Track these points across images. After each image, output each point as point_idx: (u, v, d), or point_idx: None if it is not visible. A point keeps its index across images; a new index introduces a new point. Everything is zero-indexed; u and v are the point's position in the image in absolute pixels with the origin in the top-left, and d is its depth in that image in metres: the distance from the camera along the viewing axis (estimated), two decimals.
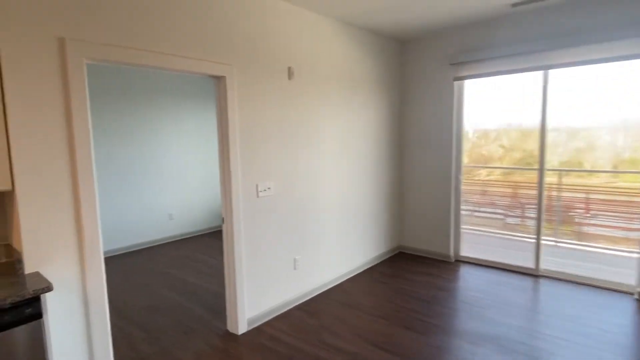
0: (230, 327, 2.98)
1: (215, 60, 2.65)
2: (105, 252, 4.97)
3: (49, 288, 1.70)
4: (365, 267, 4.32)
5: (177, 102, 5.66)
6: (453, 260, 4.49)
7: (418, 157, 4.64)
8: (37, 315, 1.68)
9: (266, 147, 3.07)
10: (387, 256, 4.70)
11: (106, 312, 2.19)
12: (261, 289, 3.11)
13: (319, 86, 3.50)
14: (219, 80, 2.76)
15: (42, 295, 1.71)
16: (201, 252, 5.11)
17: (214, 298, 3.60)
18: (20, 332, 1.63)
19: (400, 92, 4.71)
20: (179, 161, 5.77)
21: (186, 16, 2.46)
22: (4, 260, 2.04)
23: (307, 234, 3.52)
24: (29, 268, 1.88)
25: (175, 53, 2.41)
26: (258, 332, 2.97)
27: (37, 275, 1.85)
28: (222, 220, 2.91)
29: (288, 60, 3.19)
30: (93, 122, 4.74)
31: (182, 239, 5.82)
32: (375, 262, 4.48)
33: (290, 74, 3.21)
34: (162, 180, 5.58)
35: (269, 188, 3.11)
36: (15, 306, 1.61)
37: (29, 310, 1.65)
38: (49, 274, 1.95)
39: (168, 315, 3.26)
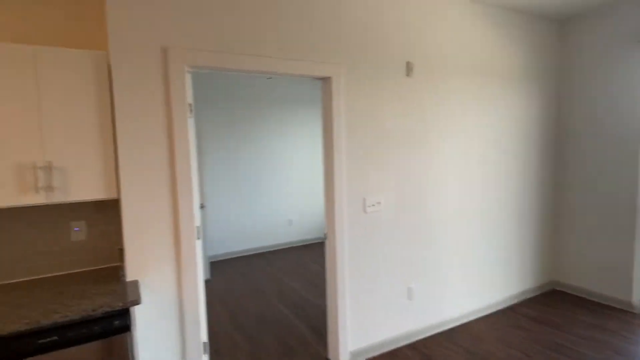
0: (331, 357, 2.66)
1: (320, 60, 2.38)
2: (225, 255, 5.31)
3: (136, 301, 1.66)
4: (503, 306, 3.46)
5: (298, 105, 5.72)
6: (638, 311, 3.23)
7: (585, 163, 3.52)
8: (125, 328, 1.65)
9: (376, 156, 2.66)
10: (535, 294, 3.70)
11: (200, 326, 2.12)
12: (368, 319, 2.70)
13: (445, 82, 2.92)
14: (324, 81, 2.49)
15: (131, 310, 1.68)
16: (317, 262, 4.99)
17: (321, 316, 3.35)
18: (107, 344, 1.62)
19: (558, 82, 3.67)
20: (300, 166, 5.82)
21: (287, 15, 2.25)
22: (118, 263, 2.15)
23: (425, 259, 2.96)
24: (131, 275, 1.91)
25: (275, 55, 2.23)
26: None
27: (134, 284, 1.86)
28: (325, 235, 2.62)
29: (406, 54, 2.72)
30: (211, 127, 5.10)
31: (300, 246, 5.84)
32: (518, 300, 3.56)
33: (408, 69, 2.73)
34: (283, 185, 5.69)
35: (378, 203, 2.69)
36: (106, 317, 1.61)
37: (117, 322, 1.63)
38: (147, 282, 1.96)
39: (273, 330, 3.15)
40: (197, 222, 2.20)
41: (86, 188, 1.82)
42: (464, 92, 3.03)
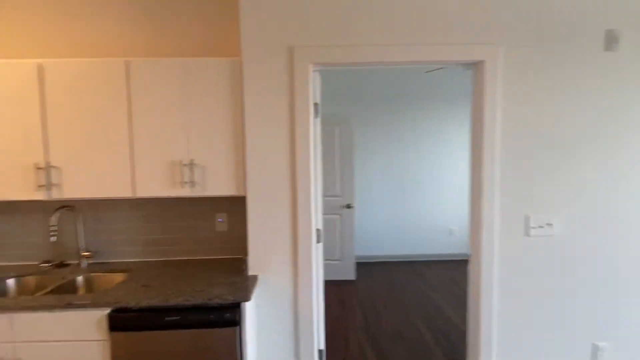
0: None
1: (468, 42, 1.93)
2: (373, 257, 5.16)
3: (245, 298, 1.70)
4: None
5: (459, 101, 5.05)
6: None
7: None
8: (233, 322, 1.70)
9: (547, 162, 1.99)
10: None
11: (315, 333, 2.04)
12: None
13: None
14: (475, 67, 2.01)
15: (243, 305, 1.73)
16: None
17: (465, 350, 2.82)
18: (217, 334, 1.70)
19: None
20: (464, 170, 5.15)
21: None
22: (244, 256, 2.29)
23: (624, 312, 2.07)
24: (252, 269, 1.99)
25: (406, 42, 1.91)
26: None
27: (253, 279, 1.93)
28: (469, 257, 2.14)
29: (604, 20, 1.94)
30: (364, 127, 4.98)
31: (460, 260, 5.17)
32: None
33: (609, 41, 1.94)
34: (444, 191, 5.16)
35: (548, 224, 2.01)
36: (219, 308, 1.70)
37: (227, 315, 1.70)
38: (265, 278, 2.00)
39: (407, 350, 2.82)
40: (318, 225, 2.13)
41: (220, 184, 1.98)
42: None
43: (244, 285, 1.83)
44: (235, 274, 2.01)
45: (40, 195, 1.94)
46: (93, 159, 1.94)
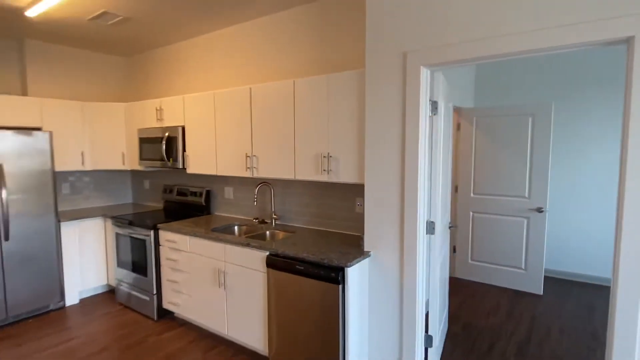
0: None
1: (609, 16, 1.57)
2: (574, 275, 4.19)
3: (342, 266, 2.13)
4: None
5: None
6: None
7: None
8: (336, 280, 2.17)
9: None
10: None
11: (418, 317, 2.21)
12: None
13: None
14: (626, 45, 1.60)
15: (346, 269, 2.17)
16: None
17: None
18: (325, 287, 2.21)
19: None
20: None
21: None
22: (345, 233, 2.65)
23: None
24: (367, 246, 2.38)
25: (526, 29, 1.75)
26: None
27: (365, 253, 2.32)
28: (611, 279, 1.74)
29: None
30: (575, 120, 3.99)
31: None
32: None
33: None
34: None
35: None
36: (329, 267, 2.21)
37: (332, 274, 2.18)
38: (376, 255, 2.33)
39: None
40: (429, 217, 2.26)
41: (348, 173, 2.46)
42: None
43: (352, 256, 2.25)
44: (354, 247, 2.45)
45: (248, 174, 3.00)
46: (274, 151, 2.83)
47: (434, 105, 2.21)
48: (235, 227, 3.27)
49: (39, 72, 3.93)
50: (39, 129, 3.64)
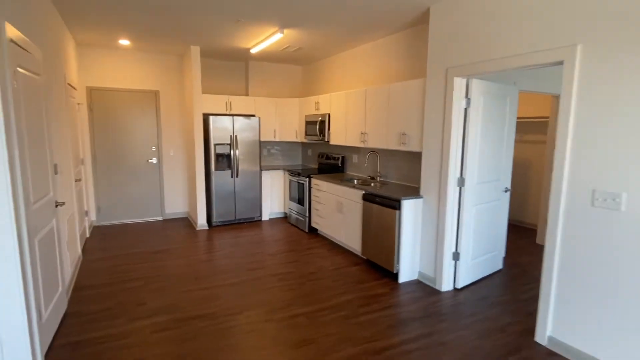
0: (537, 332, 2.77)
1: (548, 48, 2.51)
2: None
3: (395, 203, 3.59)
4: None
5: None
6: None
7: None
8: (396, 207, 3.65)
9: (621, 144, 2.20)
10: None
11: (446, 241, 3.47)
12: (572, 319, 2.47)
13: None
14: (562, 65, 2.50)
15: (402, 202, 3.62)
16: None
17: None
18: (392, 213, 3.72)
19: None
20: None
21: (521, 16, 2.66)
22: (415, 186, 3.91)
23: None
24: (422, 192, 3.73)
25: (519, 52, 2.77)
26: (550, 355, 2.58)
27: (419, 196, 3.69)
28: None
29: None
30: None
31: None
32: None
33: None
34: None
35: (614, 200, 2.24)
36: (393, 200, 3.70)
37: (395, 204, 3.67)
38: (426, 199, 3.67)
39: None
40: (459, 175, 3.44)
41: (415, 145, 3.82)
42: None
43: (408, 196, 3.66)
44: (415, 193, 3.82)
45: (362, 145, 4.67)
46: (377, 130, 4.39)
47: (468, 102, 3.34)
48: (355, 181, 5.01)
49: (255, 79, 6.51)
50: (253, 115, 6.20)
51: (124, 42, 5.16)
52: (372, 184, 4.61)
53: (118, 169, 5.84)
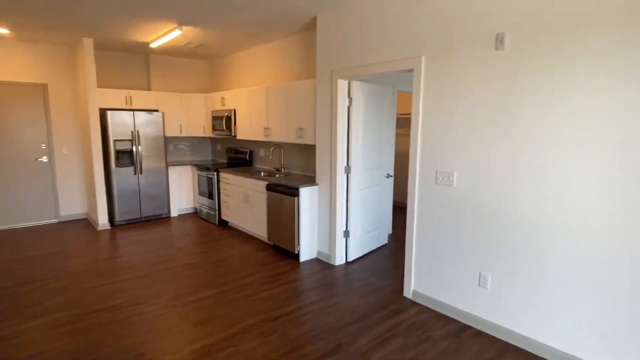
0: (405, 287, 3.41)
1: (403, 57, 3.11)
2: None
3: (297, 187, 4.01)
4: None
5: None
6: None
7: None
8: (295, 195, 4.07)
9: (452, 134, 2.87)
10: None
11: (338, 221, 4.00)
12: (431, 270, 3.14)
13: (560, 47, 2.25)
14: (411, 73, 3.13)
15: (299, 189, 4.04)
16: None
17: None
18: (292, 200, 4.13)
19: None
20: None
21: (387, 29, 3.24)
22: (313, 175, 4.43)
23: (506, 249, 2.65)
24: (317, 180, 4.20)
25: (381, 60, 3.34)
26: (412, 304, 3.22)
27: (314, 184, 4.15)
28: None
29: (496, 24, 2.53)
30: None
31: None
32: None
33: (499, 43, 2.54)
34: None
35: (448, 178, 2.92)
36: (292, 188, 4.11)
37: (294, 191, 4.08)
38: (320, 185, 4.15)
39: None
40: (346, 164, 3.98)
41: (309, 139, 4.27)
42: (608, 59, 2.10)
43: (305, 184, 4.10)
44: (312, 181, 4.29)
45: (266, 139, 5.00)
46: (278, 125, 4.76)
47: (350, 101, 3.88)
48: (262, 173, 5.32)
49: (157, 73, 6.39)
50: (156, 110, 6.11)
51: (3, 30, 4.71)
52: (277, 175, 4.98)
53: (0, 170, 5.32)
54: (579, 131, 2.23)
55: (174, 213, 6.22)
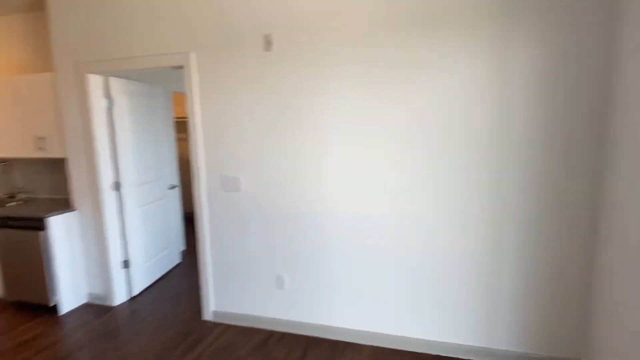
0: (203, 310, 3.06)
1: (172, 52, 2.73)
2: None
3: (42, 220, 2.98)
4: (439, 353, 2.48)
5: None
6: None
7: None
8: (41, 228, 3.01)
9: (232, 137, 2.70)
10: None
11: (111, 249, 3.21)
12: (231, 289, 2.90)
13: (324, 50, 2.39)
14: (182, 70, 2.79)
15: (47, 220, 3.01)
16: None
17: None
18: (36, 236, 3.04)
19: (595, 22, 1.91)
20: None
21: (149, 20, 2.76)
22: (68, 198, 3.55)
23: (297, 247, 2.69)
24: (75, 204, 3.25)
25: (144, 54, 2.81)
26: (215, 326, 2.89)
27: (71, 208, 3.19)
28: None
29: (264, 26, 2.50)
30: None
31: None
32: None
33: (267, 44, 2.50)
34: None
35: (235, 183, 2.74)
36: (35, 219, 3.02)
37: (38, 223, 3.01)
38: (82, 210, 3.24)
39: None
40: (116, 179, 3.25)
41: (56, 151, 3.25)
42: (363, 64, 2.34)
43: (53, 212, 3.10)
44: (65, 206, 3.29)
45: None
46: (2, 134, 3.42)
47: (111, 101, 3.16)
48: None
49: None
50: None
51: None
52: (10, 205, 3.61)
53: None
54: (338, 132, 2.45)
55: None
